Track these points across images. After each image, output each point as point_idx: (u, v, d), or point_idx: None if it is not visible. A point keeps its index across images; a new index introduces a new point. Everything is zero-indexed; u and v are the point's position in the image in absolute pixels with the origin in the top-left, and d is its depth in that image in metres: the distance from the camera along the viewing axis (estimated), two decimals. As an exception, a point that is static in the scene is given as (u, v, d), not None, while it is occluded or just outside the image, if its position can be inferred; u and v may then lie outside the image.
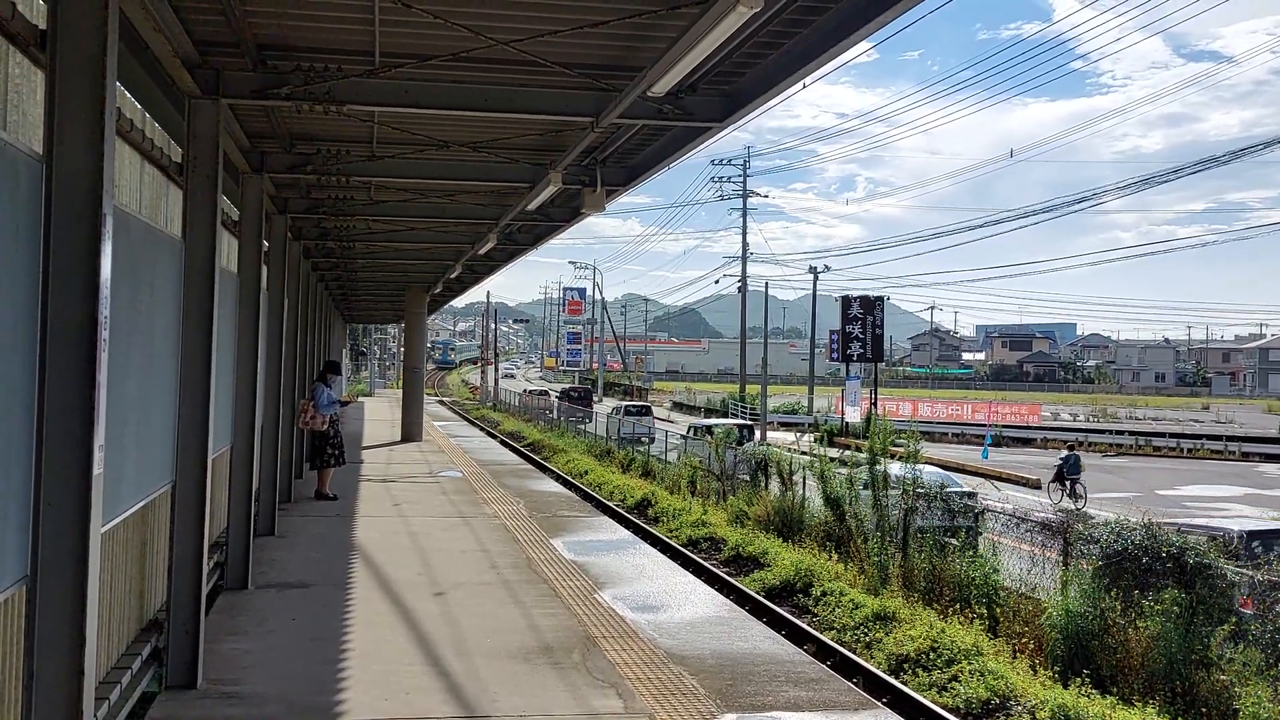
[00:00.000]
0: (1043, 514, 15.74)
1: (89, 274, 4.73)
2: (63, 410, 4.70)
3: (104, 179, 4.76)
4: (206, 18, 7.50)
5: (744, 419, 45.93)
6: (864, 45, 8.11)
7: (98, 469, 4.79)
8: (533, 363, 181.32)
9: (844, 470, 18.51)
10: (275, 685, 8.10)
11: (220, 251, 8.44)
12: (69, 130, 4.73)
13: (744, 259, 64.58)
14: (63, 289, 4.69)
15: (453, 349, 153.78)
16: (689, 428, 36.19)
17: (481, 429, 46.08)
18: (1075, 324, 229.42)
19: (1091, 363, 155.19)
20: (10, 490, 4.41)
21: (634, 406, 44.74)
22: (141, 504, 7.19)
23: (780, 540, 18.40)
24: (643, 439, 36.97)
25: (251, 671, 8.41)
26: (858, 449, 22.74)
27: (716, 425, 33.29)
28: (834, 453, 22.65)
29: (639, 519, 22.49)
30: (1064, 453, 30.43)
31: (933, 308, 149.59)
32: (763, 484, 21.66)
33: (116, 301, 5.33)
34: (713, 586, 14.63)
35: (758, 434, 39.35)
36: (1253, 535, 13.36)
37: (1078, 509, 26.89)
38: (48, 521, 4.64)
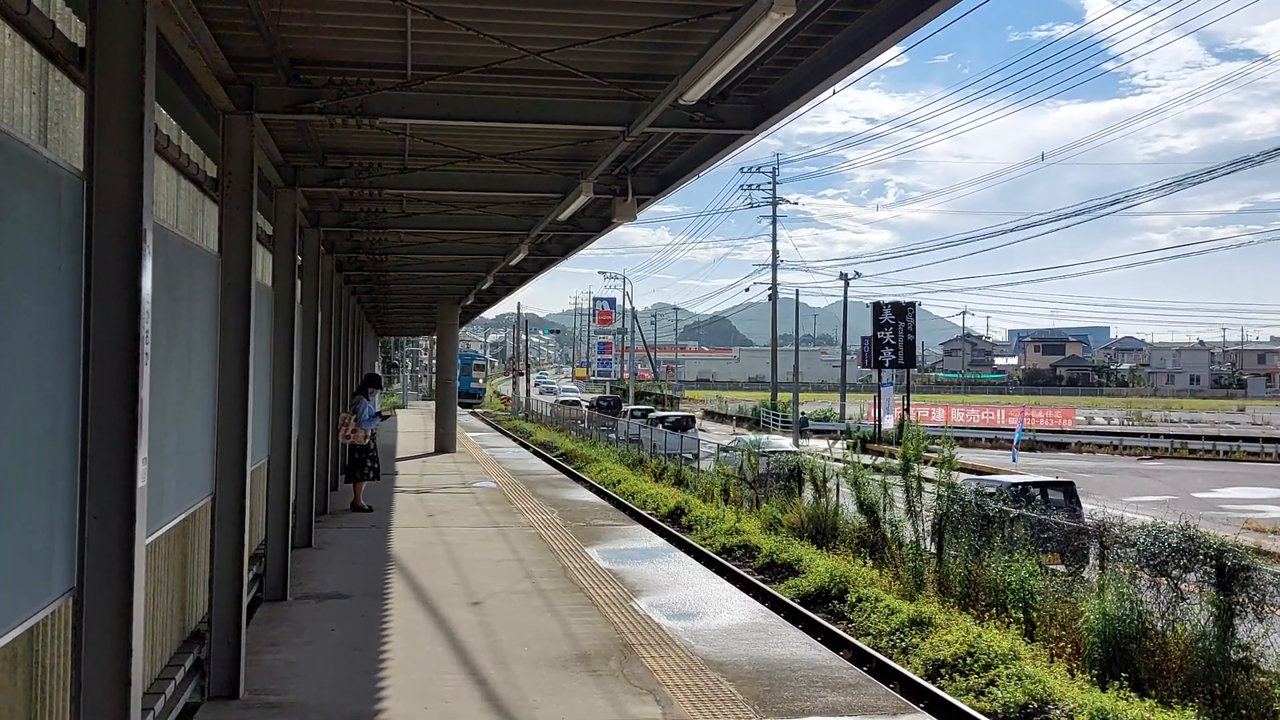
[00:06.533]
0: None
1: (130, 289, 4.78)
2: (106, 424, 4.74)
3: (144, 195, 4.81)
4: (241, 33, 7.58)
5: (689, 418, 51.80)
6: (894, 50, 8.13)
7: (141, 481, 4.84)
8: (563, 373, 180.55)
9: (878, 477, 18.48)
10: (316, 695, 8.16)
11: (255, 265, 8.51)
12: (109, 147, 4.77)
13: (774, 266, 64.62)
14: (105, 304, 4.73)
15: (479, 364, 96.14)
16: (646, 418, 45.67)
17: (514, 439, 46.16)
18: (1109, 327, 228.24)
19: (1125, 366, 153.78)
20: (56, 503, 4.46)
21: (638, 410, 53.61)
22: (183, 516, 7.25)
23: (814, 547, 18.36)
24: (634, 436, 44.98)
25: (293, 682, 8.47)
26: (891, 455, 22.66)
27: (668, 416, 47.19)
28: (867, 459, 22.56)
29: (673, 527, 22.47)
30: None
31: (964, 313, 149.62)
32: (796, 492, 21.62)
33: (156, 316, 5.38)
34: (748, 593, 14.62)
35: (697, 423, 51.17)
36: (1024, 485, 18.96)
37: None
38: (93, 534, 4.69)
